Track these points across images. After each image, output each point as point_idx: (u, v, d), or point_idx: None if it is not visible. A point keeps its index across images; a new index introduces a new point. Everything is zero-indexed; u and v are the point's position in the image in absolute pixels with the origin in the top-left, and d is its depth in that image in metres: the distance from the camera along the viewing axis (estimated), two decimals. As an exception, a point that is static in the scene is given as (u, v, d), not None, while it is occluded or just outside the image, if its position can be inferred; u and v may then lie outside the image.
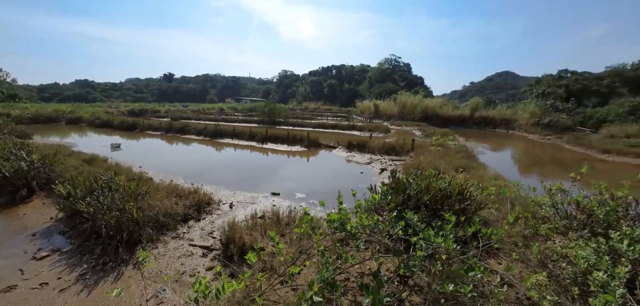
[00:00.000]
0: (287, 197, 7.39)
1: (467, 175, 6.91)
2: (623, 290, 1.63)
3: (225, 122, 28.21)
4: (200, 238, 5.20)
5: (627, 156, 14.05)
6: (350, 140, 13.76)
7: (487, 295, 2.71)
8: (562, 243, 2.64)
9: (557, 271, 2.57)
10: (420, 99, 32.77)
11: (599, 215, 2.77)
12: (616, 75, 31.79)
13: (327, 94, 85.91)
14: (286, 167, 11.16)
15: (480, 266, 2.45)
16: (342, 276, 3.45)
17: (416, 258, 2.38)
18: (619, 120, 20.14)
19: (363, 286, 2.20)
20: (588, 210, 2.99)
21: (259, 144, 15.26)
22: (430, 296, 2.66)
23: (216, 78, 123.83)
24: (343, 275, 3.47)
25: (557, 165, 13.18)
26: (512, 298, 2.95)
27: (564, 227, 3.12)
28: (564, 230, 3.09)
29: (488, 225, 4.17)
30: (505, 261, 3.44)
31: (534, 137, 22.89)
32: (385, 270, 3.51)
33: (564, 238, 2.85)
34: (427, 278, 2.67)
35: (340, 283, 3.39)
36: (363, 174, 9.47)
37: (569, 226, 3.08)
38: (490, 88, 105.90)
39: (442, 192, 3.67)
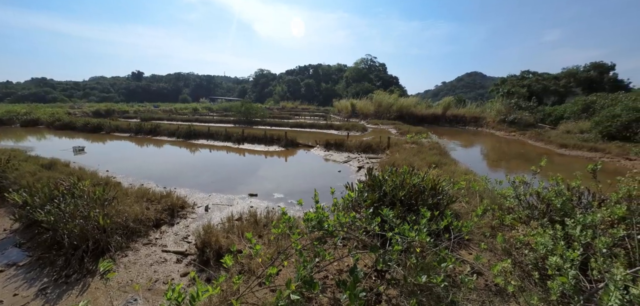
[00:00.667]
0: (265, 198, 7.30)
1: (439, 170, 7.20)
2: (575, 271, 1.79)
3: (200, 123, 27.34)
4: (174, 244, 5.00)
5: (581, 150, 15.30)
6: (328, 139, 13.84)
7: (458, 284, 2.86)
8: (525, 232, 2.82)
9: (520, 258, 2.75)
10: (395, 98, 33.63)
11: (556, 204, 2.99)
12: (571, 76, 34.53)
13: (304, 94, 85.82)
14: (264, 168, 11.01)
15: (451, 257, 2.57)
16: (321, 274, 3.47)
17: (392, 253, 2.45)
18: (573, 117, 21.88)
19: (340, 283, 2.23)
20: (547, 200, 3.23)
21: (235, 145, 14.93)
22: (406, 289, 2.75)
23: (189, 77, 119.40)
24: (322, 273, 3.49)
25: (521, 160, 14.07)
26: (481, 285, 3.11)
27: (526, 216, 3.34)
28: (527, 220, 3.31)
29: (459, 217, 4.38)
30: (475, 251, 3.62)
31: (501, 133, 24.30)
32: (363, 266, 3.58)
33: (526, 227, 3.05)
34: (403, 271, 2.76)
35: (319, 281, 3.42)
36: (341, 173, 9.56)
37: (530, 215, 3.30)
38: (461, 88, 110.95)
39: (416, 188, 3.80)
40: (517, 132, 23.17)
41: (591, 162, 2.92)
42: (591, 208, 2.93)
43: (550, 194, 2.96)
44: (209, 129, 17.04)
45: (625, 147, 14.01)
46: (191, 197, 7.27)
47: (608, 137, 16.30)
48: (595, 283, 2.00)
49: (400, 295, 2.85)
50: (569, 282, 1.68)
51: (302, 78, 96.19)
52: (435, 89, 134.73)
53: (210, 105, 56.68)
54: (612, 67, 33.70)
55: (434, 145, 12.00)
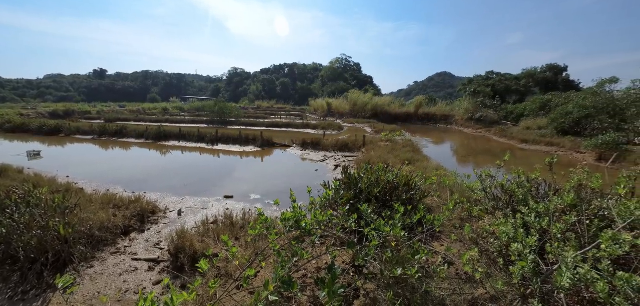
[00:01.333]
0: (241, 200, 7.16)
1: (412, 167, 7.47)
2: (534, 256, 1.95)
3: (170, 123, 26.25)
4: (146, 251, 4.77)
5: (539, 145, 16.55)
6: (304, 138, 13.84)
7: (431, 274, 2.99)
8: (490, 222, 3.01)
9: (486, 247, 2.93)
10: (370, 97, 34.32)
11: (518, 195, 3.22)
12: (530, 77, 37.19)
13: (280, 93, 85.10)
14: (240, 169, 10.79)
15: (424, 249, 2.69)
16: (299, 274, 3.49)
17: (369, 248, 2.52)
18: (532, 114, 23.60)
19: (319, 281, 2.26)
20: (510, 192, 3.47)
21: (209, 146, 14.49)
22: (383, 282, 2.84)
23: (158, 76, 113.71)
24: (301, 272, 3.51)
25: (487, 155, 14.95)
26: (453, 274, 3.28)
27: (492, 207, 3.56)
28: (492, 210, 3.53)
29: (431, 211, 4.58)
30: (446, 243, 3.81)
31: (469, 130, 25.64)
32: (341, 262, 3.64)
33: (492, 217, 3.26)
34: (380, 265, 2.84)
35: (298, 280, 3.43)
36: (318, 172, 9.62)
37: (496, 206, 3.53)
38: (432, 87, 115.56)
39: (391, 184, 3.93)
40: (483, 129, 24.58)
41: (548, 156, 3.18)
42: (548, 197, 3.17)
43: (513, 186, 3.18)
44: (180, 130, 16.39)
45: (577, 142, 15.35)
46: (163, 201, 6.97)
47: (562, 132, 17.76)
48: (551, 265, 2.18)
49: (377, 289, 2.93)
50: (528, 266, 1.83)
51: (277, 77, 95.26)
52: (408, 88, 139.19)
53: (182, 105, 54.40)
54: (565, 68, 36.71)
55: (407, 143, 12.42)
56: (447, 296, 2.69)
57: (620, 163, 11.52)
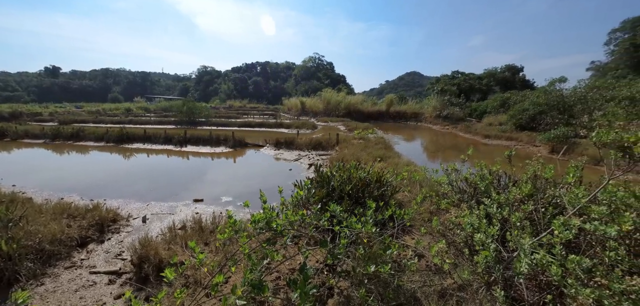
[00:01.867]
0: (212, 203, 6.89)
1: (384, 164, 7.64)
2: (496, 245, 2.04)
3: (134, 125, 24.74)
4: (106, 263, 4.43)
5: (500, 139, 17.71)
6: (278, 137, 13.66)
7: (403, 268, 3.05)
8: (456, 214, 3.13)
9: (453, 238, 3.04)
10: (343, 96, 34.72)
11: (481, 187, 3.38)
12: (491, 76, 39.69)
13: (252, 92, 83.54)
14: (210, 170, 10.39)
15: (395, 244, 2.74)
16: (272, 276, 3.41)
17: (341, 247, 2.51)
18: (494, 111, 25.18)
19: (291, 282, 2.21)
20: (474, 184, 3.63)
21: (177, 147, 13.82)
22: (356, 279, 2.85)
23: (120, 74, 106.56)
24: (274, 274, 3.43)
25: (454, 150, 15.71)
26: (423, 266, 3.38)
27: (458, 199, 3.70)
28: (458, 203, 3.68)
29: (402, 206, 4.69)
30: (417, 236, 3.92)
31: (437, 127, 26.81)
32: (315, 262, 3.61)
33: (458, 209, 3.39)
34: (353, 262, 2.85)
35: (271, 283, 3.35)
36: (292, 171, 9.52)
37: (461, 199, 3.68)
38: (402, 86, 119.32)
39: (363, 181, 3.96)
40: (450, 125, 25.83)
41: (507, 149, 3.36)
42: (507, 188, 3.35)
43: (476, 179, 3.33)
44: (145, 131, 15.47)
45: (532, 136, 16.61)
46: (125, 207, 6.52)
47: (520, 127, 19.13)
48: (512, 252, 2.30)
49: (351, 286, 2.94)
50: (491, 255, 1.92)
51: (249, 76, 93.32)
52: (380, 87, 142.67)
53: (147, 105, 51.39)
54: (521, 69, 39.60)
55: (379, 140, 12.70)
56: (418, 289, 2.76)
57: (570, 154, 12.63)
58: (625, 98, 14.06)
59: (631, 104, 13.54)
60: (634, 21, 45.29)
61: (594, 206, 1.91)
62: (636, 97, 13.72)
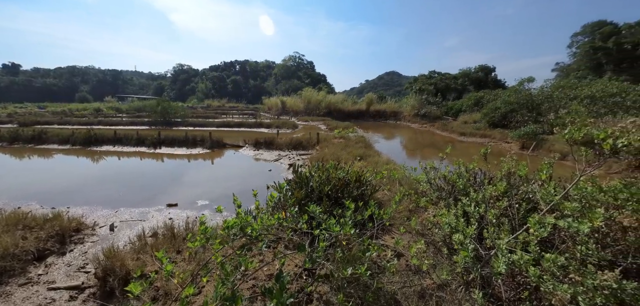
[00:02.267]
0: (187, 207, 6.58)
1: (364, 162, 7.64)
2: (474, 245, 2.03)
3: (104, 126, 23.43)
4: (67, 277, 4.07)
5: (475, 137, 18.38)
6: (257, 137, 13.37)
7: (383, 269, 3.01)
8: (434, 212, 3.12)
9: (431, 237, 3.03)
10: (323, 95, 34.72)
11: (459, 185, 3.41)
12: (465, 76, 41.20)
13: (231, 91, 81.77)
14: (186, 173, 9.97)
15: (374, 245, 2.68)
16: (249, 284, 3.26)
17: (318, 251, 2.41)
18: (468, 110, 26.14)
19: (266, 291, 2.08)
20: (451, 182, 3.66)
21: (150, 149, 13.17)
22: (335, 284, 2.77)
23: (88, 72, 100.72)
24: (250, 281, 3.28)
25: (432, 147, 16.11)
26: (403, 266, 3.36)
27: (436, 197, 3.72)
28: (436, 200, 3.69)
29: (382, 205, 4.68)
30: (396, 235, 3.90)
31: (415, 125, 27.44)
32: (294, 266, 3.50)
33: (436, 207, 3.39)
34: (332, 266, 2.77)
35: (247, 291, 3.20)
36: (272, 172, 9.32)
37: (440, 196, 3.70)
38: (381, 85, 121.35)
39: (342, 181, 3.90)
40: (428, 123, 26.53)
41: (482, 147, 3.41)
42: (484, 185, 3.39)
43: (454, 177, 3.36)
44: (116, 133, 14.63)
45: (505, 133, 17.37)
46: (91, 215, 6.09)
47: (493, 125, 19.97)
48: (489, 250, 2.31)
49: (330, 291, 2.85)
50: (469, 255, 1.91)
51: (228, 75, 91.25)
52: (360, 87, 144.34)
53: (119, 105, 48.88)
54: (493, 69, 41.40)
55: (360, 139, 12.76)
56: (398, 290, 2.72)
57: (539, 150, 13.30)
58: (586, 97, 15.01)
59: (591, 102, 14.48)
60: (593, 26, 48.76)
61: (566, 203, 1.94)
62: (596, 96, 14.68)
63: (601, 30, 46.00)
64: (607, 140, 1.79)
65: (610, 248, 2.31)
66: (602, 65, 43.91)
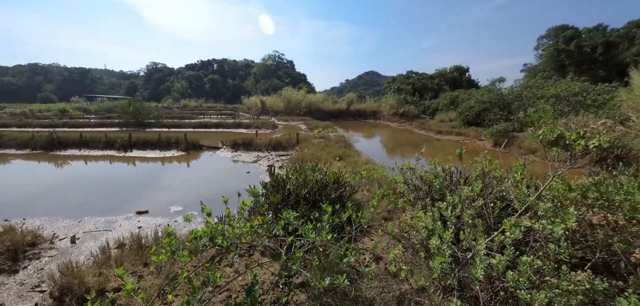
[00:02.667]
0: (158, 214, 6.22)
1: (344, 163, 7.60)
2: (451, 250, 2.00)
3: (70, 128, 21.98)
4: (18, 298, 3.69)
5: (451, 135, 18.94)
6: (235, 138, 13.01)
7: (361, 275, 2.94)
8: (412, 214, 3.09)
9: (409, 240, 3.00)
10: (304, 95, 34.54)
11: (435, 185, 3.41)
12: (441, 76, 42.52)
13: (209, 90, 79.61)
14: (160, 177, 9.48)
15: (352, 250, 2.60)
16: (222, 296, 3.08)
17: (294, 261, 2.29)
18: (444, 109, 26.95)
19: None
20: (428, 182, 3.66)
21: (120, 153, 12.45)
22: (312, 293, 2.66)
23: (52, 70, 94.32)
24: (224, 293, 3.10)
25: (411, 146, 16.42)
26: (382, 269, 3.31)
27: (414, 198, 3.71)
28: (414, 202, 3.67)
29: (361, 206, 4.62)
30: (375, 238, 3.86)
31: (394, 124, 27.93)
32: (270, 275, 3.36)
33: (413, 209, 3.37)
34: (308, 274, 2.66)
35: (220, 304, 3.02)
36: (250, 174, 9.06)
37: (417, 197, 3.69)
38: (361, 85, 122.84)
39: (320, 183, 3.80)
40: (406, 122, 27.08)
41: (458, 144, 3.42)
42: (459, 185, 3.41)
43: (430, 177, 3.35)
44: (82, 136, 13.70)
45: (478, 131, 18.03)
46: (51, 226, 5.61)
47: (467, 123, 20.70)
48: (466, 252, 2.29)
49: (307, 300, 2.74)
50: (446, 260, 1.87)
51: (205, 73, 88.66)
52: (340, 86, 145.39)
53: (87, 105, 46.04)
54: (467, 69, 43.03)
55: (340, 139, 12.75)
56: (376, 296, 2.66)
57: (510, 147, 13.89)
58: (552, 96, 15.88)
59: (557, 101, 15.34)
60: (556, 29, 51.95)
61: (540, 203, 1.94)
62: (561, 95, 15.57)
63: (564, 33, 49.07)
64: (579, 141, 1.80)
65: (580, 244, 2.37)
66: (565, 66, 46.85)
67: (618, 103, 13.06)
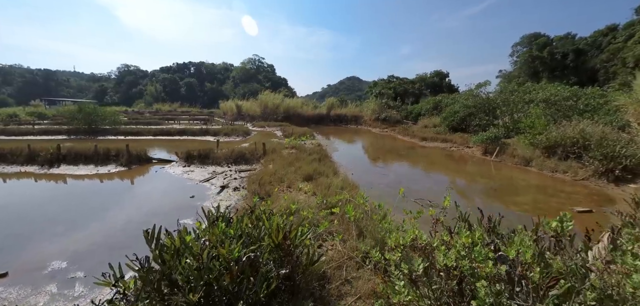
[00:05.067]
0: (24, 279, 4.08)
1: (313, 186, 5.82)
2: None
3: (9, 136, 19.11)
4: None
5: (436, 141, 17.68)
6: (192, 149, 10.90)
7: None
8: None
9: None
10: (281, 99, 32.62)
11: (464, 267, 1.71)
12: (422, 81, 42.02)
13: (185, 94, 76.00)
14: (69, 206, 7.10)
15: None
16: None
17: None
18: (428, 113, 25.92)
19: None
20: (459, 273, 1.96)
21: (43, 169, 10.00)
22: None
23: (12, 71, 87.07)
24: None
25: (394, 154, 14.94)
26: None
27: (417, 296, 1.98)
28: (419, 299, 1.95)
29: (327, 279, 2.83)
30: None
31: (376, 130, 26.58)
32: None
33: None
34: None
35: None
36: (194, 198, 7.03)
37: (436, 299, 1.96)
38: (343, 90, 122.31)
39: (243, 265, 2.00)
40: (388, 128, 25.80)
41: (445, 153, 1.71)
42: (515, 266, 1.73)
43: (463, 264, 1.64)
44: (-2, 148, 11.09)
45: (465, 137, 16.88)
46: None
47: (452, 129, 19.63)
48: None
49: None
50: None
51: (181, 76, 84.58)
52: (322, 91, 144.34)
53: (46, 110, 41.69)
54: (447, 74, 42.80)
55: (315, 149, 10.98)
56: None
57: (502, 155, 12.69)
58: (541, 101, 14.96)
59: (547, 106, 14.41)
60: (530, 37, 53.39)
61: None
62: (550, 100, 14.67)
63: (537, 41, 50.37)
64: None
65: None
66: (539, 72, 47.99)
67: (613, 108, 12.26)
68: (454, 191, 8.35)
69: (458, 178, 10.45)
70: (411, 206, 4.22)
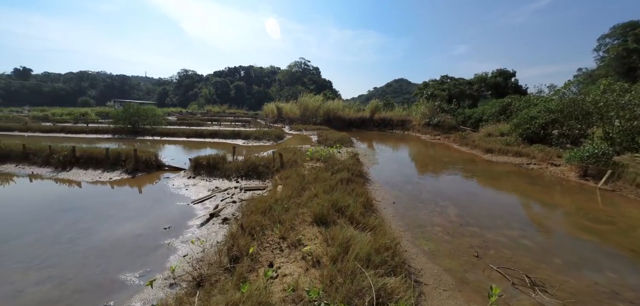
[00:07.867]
0: None
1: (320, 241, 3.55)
2: None
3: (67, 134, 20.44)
4: None
5: (507, 155, 13.98)
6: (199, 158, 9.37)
7: None
8: None
9: None
10: (322, 101, 30.75)
11: None
12: (482, 81, 36.67)
13: (234, 96, 79.10)
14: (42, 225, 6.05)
15: None
16: None
17: None
18: (492, 119, 21.67)
19: None
20: None
21: (54, 172, 9.39)
22: None
23: (97, 77, 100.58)
24: None
25: (451, 169, 11.81)
26: None
27: None
28: None
29: None
30: None
31: (426, 136, 23.08)
32: None
33: None
34: None
35: None
36: (167, 231, 5.26)
37: None
38: (390, 93, 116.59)
39: None
40: (441, 134, 22.17)
41: (519, 172, 0.33)
42: None
43: None
44: (24, 147, 10.93)
45: (547, 152, 12.96)
46: None
47: (527, 139, 15.60)
48: None
49: None
50: None
51: (232, 80, 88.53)
52: (368, 94, 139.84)
53: (114, 110, 46.01)
54: (513, 73, 36.68)
55: (347, 162, 8.64)
56: None
57: (615, 182, 8.90)
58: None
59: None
60: (624, 27, 43.81)
61: None
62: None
63: (635, 31, 40.87)
64: None
65: None
66: (635, 69, 38.91)
67: None
68: (558, 248, 5.31)
69: (552, 214, 7.13)
70: (489, 277, 2.76)
